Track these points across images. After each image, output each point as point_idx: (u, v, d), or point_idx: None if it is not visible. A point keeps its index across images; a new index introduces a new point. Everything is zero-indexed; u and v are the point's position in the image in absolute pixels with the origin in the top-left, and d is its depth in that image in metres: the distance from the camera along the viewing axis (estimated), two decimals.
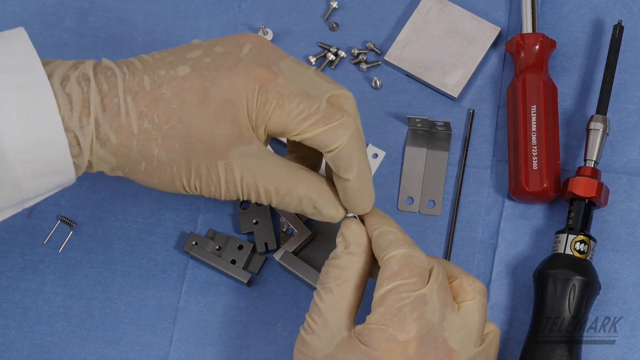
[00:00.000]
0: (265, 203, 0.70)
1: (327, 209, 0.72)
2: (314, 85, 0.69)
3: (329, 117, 0.68)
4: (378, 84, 0.88)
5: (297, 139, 0.68)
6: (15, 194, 0.66)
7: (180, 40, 0.91)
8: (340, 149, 0.68)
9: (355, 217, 0.73)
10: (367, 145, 0.87)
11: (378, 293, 0.70)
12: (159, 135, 0.67)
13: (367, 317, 0.70)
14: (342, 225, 0.73)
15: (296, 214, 0.85)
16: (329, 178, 0.72)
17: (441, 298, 0.70)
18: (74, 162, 0.67)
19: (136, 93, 0.66)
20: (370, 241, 0.73)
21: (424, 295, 0.69)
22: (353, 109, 0.71)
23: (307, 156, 0.75)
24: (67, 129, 0.65)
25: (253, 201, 0.70)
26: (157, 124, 0.66)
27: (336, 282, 0.71)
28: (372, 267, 0.73)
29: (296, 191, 0.70)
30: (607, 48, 0.86)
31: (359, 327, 0.70)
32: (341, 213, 0.72)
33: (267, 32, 0.90)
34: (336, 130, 0.68)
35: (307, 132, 0.68)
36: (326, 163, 0.71)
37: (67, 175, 0.67)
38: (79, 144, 0.66)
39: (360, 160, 0.70)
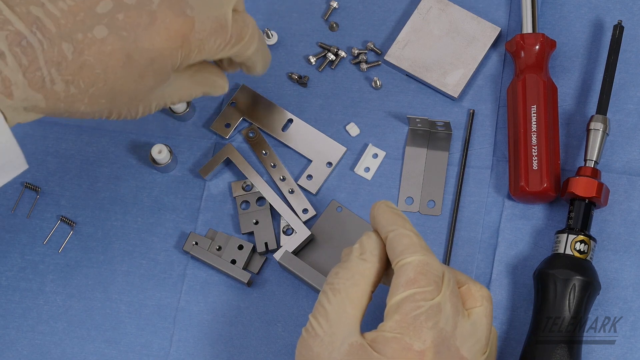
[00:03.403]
0: (168, 106, 0.76)
1: (218, 93, 0.79)
2: (217, 3, 0.72)
3: (239, 37, 0.73)
4: (378, 84, 0.88)
5: (213, 59, 0.76)
6: None
7: None
8: (251, 54, 0.76)
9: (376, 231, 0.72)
10: (367, 145, 0.87)
11: (393, 300, 0.69)
12: (85, 97, 0.67)
13: (381, 325, 0.69)
14: (364, 234, 0.72)
15: (296, 214, 0.85)
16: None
17: (453, 305, 0.69)
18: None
19: (59, 63, 0.65)
20: (385, 253, 0.72)
21: (438, 303, 0.68)
22: (248, 18, 0.76)
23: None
24: None
25: (159, 109, 0.75)
26: (84, 88, 0.66)
27: (346, 284, 0.70)
28: (383, 274, 0.73)
29: (195, 94, 0.76)
30: (607, 48, 0.86)
31: (371, 334, 0.69)
32: (226, 88, 0.79)
33: (272, 35, 0.90)
34: (247, 45, 0.74)
35: (224, 55, 0.73)
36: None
37: (8, 149, 0.67)
38: (5, 117, 0.65)
39: (260, 44, 0.77)
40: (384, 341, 0.68)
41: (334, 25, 0.90)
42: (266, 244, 0.85)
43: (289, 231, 0.85)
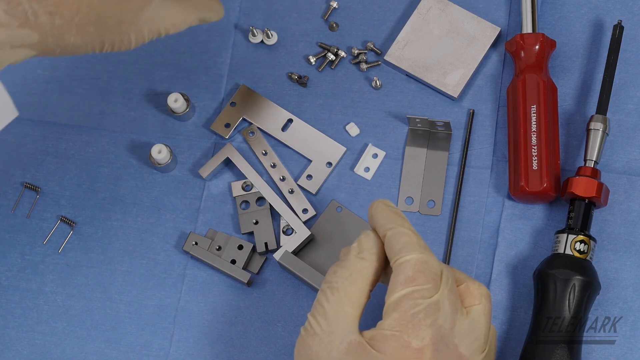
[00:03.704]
0: (163, 36, 0.74)
1: (214, 18, 0.77)
2: None
3: None
4: (378, 84, 0.88)
5: None
6: None
7: (180, 39, 0.91)
8: None
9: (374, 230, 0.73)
10: (367, 145, 0.87)
11: (392, 298, 0.69)
12: (72, 26, 0.67)
13: (379, 323, 0.69)
14: (362, 233, 0.72)
15: (295, 214, 0.85)
16: None
17: (452, 303, 0.69)
18: None
19: None
20: (384, 252, 0.72)
21: (437, 301, 0.68)
22: None
23: None
24: None
25: (153, 39, 0.73)
26: (68, 18, 0.66)
27: (344, 283, 0.70)
28: (381, 272, 0.73)
29: (188, 20, 0.75)
30: (607, 48, 0.86)
31: (370, 332, 0.69)
32: (222, 12, 0.78)
33: (271, 35, 0.90)
34: None
35: None
36: None
37: None
38: None
39: None
40: (383, 339, 0.68)
41: (334, 25, 0.90)
42: (266, 244, 0.85)
43: (288, 231, 0.85)
